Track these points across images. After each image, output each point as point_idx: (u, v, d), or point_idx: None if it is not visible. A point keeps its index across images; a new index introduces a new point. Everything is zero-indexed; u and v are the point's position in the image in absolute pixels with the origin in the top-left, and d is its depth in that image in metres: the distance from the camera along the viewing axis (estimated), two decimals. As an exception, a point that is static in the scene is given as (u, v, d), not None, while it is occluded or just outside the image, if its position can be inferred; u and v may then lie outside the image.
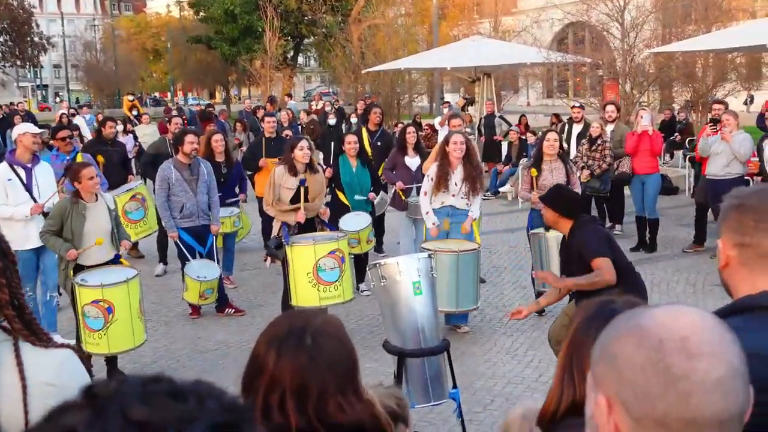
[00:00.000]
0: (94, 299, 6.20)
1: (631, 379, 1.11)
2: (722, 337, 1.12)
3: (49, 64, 73.79)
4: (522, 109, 29.59)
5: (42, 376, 2.02)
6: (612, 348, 1.15)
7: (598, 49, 20.84)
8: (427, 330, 4.86)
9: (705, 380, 1.07)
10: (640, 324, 1.14)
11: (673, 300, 8.51)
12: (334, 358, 1.92)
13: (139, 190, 9.92)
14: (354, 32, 34.61)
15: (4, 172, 7.57)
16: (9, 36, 47.60)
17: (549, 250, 7.49)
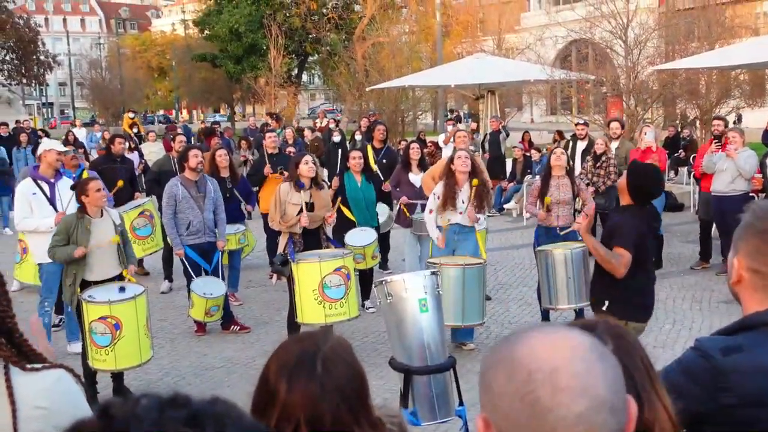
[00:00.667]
0: (102, 315, 6.21)
1: (502, 407, 1.14)
2: (593, 367, 1.13)
3: (54, 83, 74.23)
4: (526, 126, 29.66)
5: (32, 400, 2.01)
6: (487, 375, 1.19)
7: (602, 66, 20.93)
8: (433, 347, 4.86)
9: (567, 414, 1.09)
10: (512, 353, 1.16)
11: (680, 317, 8.50)
12: (346, 385, 1.91)
13: (147, 207, 9.96)
14: (358, 50, 34.82)
15: (29, 186, 7.86)
16: (15, 54, 47.88)
17: (555, 266, 7.47)
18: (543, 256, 7.65)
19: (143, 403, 0.83)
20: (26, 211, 7.79)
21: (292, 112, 38.34)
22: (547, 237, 8.15)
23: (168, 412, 0.81)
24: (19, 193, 7.95)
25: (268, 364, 1.99)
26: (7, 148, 18.01)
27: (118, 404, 0.84)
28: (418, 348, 4.87)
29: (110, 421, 0.81)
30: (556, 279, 7.44)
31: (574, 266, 7.45)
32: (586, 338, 1.19)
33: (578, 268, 7.47)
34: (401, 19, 41.61)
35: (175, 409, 0.82)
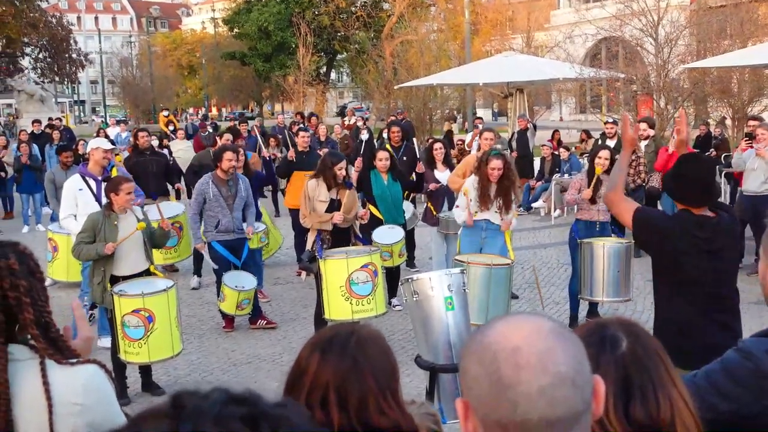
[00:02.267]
0: (135, 308, 6.28)
1: (475, 389, 1.24)
2: (552, 346, 1.22)
3: (86, 81, 74.97)
4: (555, 125, 29.48)
5: (68, 396, 2.04)
6: (463, 362, 1.30)
7: (632, 64, 20.77)
8: (459, 345, 4.86)
9: (529, 390, 1.18)
10: (482, 339, 1.27)
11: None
12: (377, 365, 1.96)
13: (180, 219, 10.05)
14: (386, 48, 34.80)
15: (76, 182, 8.09)
16: (48, 53, 48.44)
17: (595, 259, 7.62)
18: (589, 249, 7.70)
19: (212, 397, 0.86)
20: (72, 206, 7.96)
21: (321, 111, 38.46)
22: (587, 231, 8.17)
23: (229, 408, 0.84)
24: (67, 188, 8.11)
25: (303, 346, 2.06)
26: (40, 145, 18.28)
27: (188, 395, 0.87)
28: (444, 346, 4.88)
29: (180, 410, 0.84)
30: (594, 270, 7.59)
31: (616, 260, 7.57)
32: (549, 321, 1.28)
33: (619, 262, 7.57)
34: (430, 17, 41.57)
35: (237, 406, 0.85)
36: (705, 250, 4.13)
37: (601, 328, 1.88)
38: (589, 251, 7.71)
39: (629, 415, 1.73)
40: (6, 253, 2.07)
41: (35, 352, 2.06)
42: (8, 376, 2.01)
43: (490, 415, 1.22)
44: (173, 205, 10.68)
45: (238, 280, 8.25)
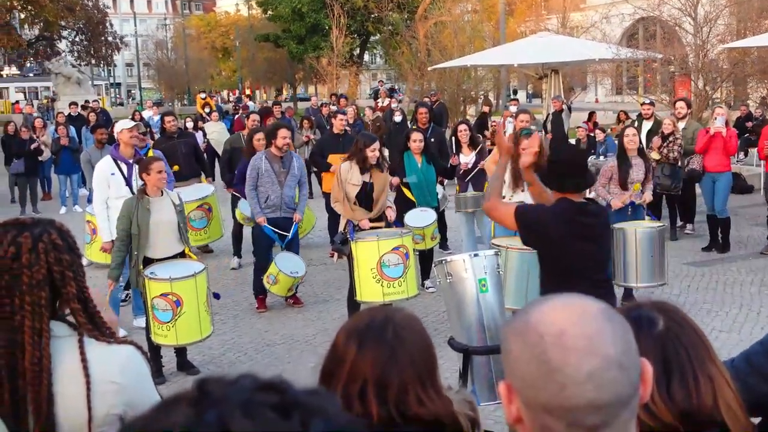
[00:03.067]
0: (163, 292, 6.35)
1: (519, 371, 1.22)
2: (600, 329, 1.19)
3: (122, 63, 75.62)
4: (590, 106, 29.17)
5: (106, 374, 2.05)
6: (506, 343, 1.27)
7: (670, 44, 20.41)
8: (493, 328, 4.84)
9: (576, 373, 1.16)
10: (527, 320, 1.24)
11: (747, 301, 8.30)
12: (415, 352, 1.93)
13: (209, 201, 10.10)
14: (420, 29, 34.61)
15: (108, 166, 8.06)
16: (85, 36, 48.90)
17: (627, 245, 7.57)
18: (621, 234, 7.63)
19: (239, 383, 0.82)
20: (104, 192, 7.96)
21: (354, 92, 38.40)
22: (618, 215, 8.09)
23: (258, 395, 0.81)
24: (99, 171, 8.08)
25: (338, 332, 2.03)
26: (77, 127, 18.49)
27: (214, 381, 0.83)
28: (477, 328, 4.85)
29: (204, 396, 0.81)
30: (627, 254, 7.50)
31: (649, 245, 7.49)
32: (596, 303, 1.25)
33: (653, 247, 7.50)
34: (464, -3, 41.22)
35: (267, 393, 0.81)
36: (588, 236, 4.26)
37: (637, 309, 1.86)
38: (622, 237, 7.62)
39: (671, 396, 1.70)
40: (47, 229, 2.09)
41: (74, 330, 2.08)
42: None
43: (536, 399, 1.20)
44: (204, 186, 10.73)
45: (291, 265, 8.30)
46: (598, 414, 1.17)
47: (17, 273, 2.01)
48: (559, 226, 4.22)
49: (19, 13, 45.37)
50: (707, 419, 1.70)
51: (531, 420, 1.23)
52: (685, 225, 11.59)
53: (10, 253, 2.02)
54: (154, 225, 6.69)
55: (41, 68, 54.02)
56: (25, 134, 16.14)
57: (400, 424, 1.84)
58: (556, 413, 1.18)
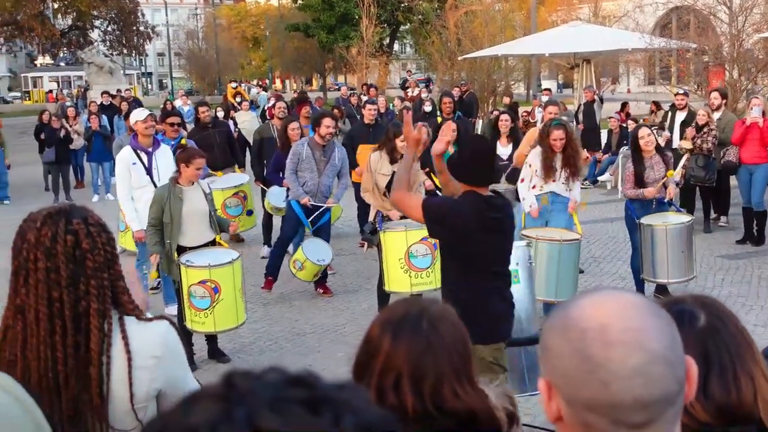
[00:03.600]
0: (202, 279, 6.39)
1: (560, 367, 1.19)
2: (645, 323, 1.15)
3: (153, 53, 76.15)
4: (622, 97, 28.89)
5: (146, 349, 2.08)
6: (545, 339, 1.23)
7: (704, 34, 20.11)
8: (524, 319, 4.82)
9: (621, 368, 1.12)
10: (567, 314, 1.21)
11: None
12: (451, 345, 1.90)
13: (244, 189, 10.13)
14: (450, 18, 34.43)
15: (129, 156, 8.03)
16: (117, 26, 49.32)
17: (656, 242, 7.44)
18: (649, 231, 7.51)
19: (267, 378, 0.80)
20: (127, 182, 7.96)
21: (383, 82, 38.35)
22: (643, 209, 7.94)
23: (287, 391, 0.78)
24: (120, 161, 8.08)
25: (372, 324, 2.00)
26: (109, 116, 18.68)
27: (241, 375, 0.81)
28: (509, 319, 4.83)
29: (232, 390, 0.79)
30: (659, 254, 7.36)
31: (679, 241, 7.38)
32: (639, 298, 1.22)
33: (681, 242, 7.39)
34: (495, -14, 40.95)
35: (296, 388, 0.79)
36: (495, 229, 4.29)
37: (678, 304, 1.82)
38: (650, 234, 7.50)
39: (707, 393, 1.67)
40: (86, 213, 2.12)
41: (114, 308, 2.11)
42: None
43: (578, 396, 1.16)
44: (238, 175, 10.77)
45: (318, 252, 8.33)
46: (644, 411, 1.13)
47: (80, 260, 2.04)
48: (466, 218, 4.23)
49: (52, 3, 45.83)
50: (745, 416, 1.67)
51: (573, 418, 1.19)
52: (719, 217, 11.44)
53: (70, 242, 2.03)
54: (187, 214, 6.73)
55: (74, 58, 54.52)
56: (55, 123, 16.32)
57: (436, 418, 1.82)
58: (600, 410, 1.14)
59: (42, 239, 2.02)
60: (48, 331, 2.00)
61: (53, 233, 2.03)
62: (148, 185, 7.95)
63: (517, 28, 33.70)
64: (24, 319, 2.02)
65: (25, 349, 2.01)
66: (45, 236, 2.02)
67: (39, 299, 2.00)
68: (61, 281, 2.01)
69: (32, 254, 2.01)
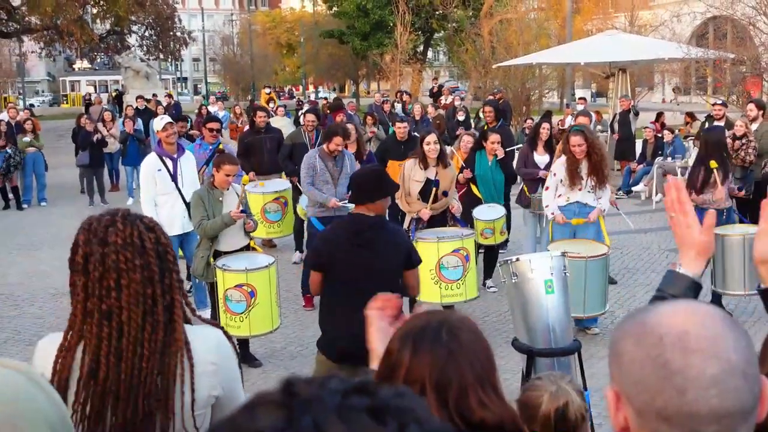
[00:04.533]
0: (238, 283, 6.43)
1: (633, 374, 1.16)
2: (723, 333, 1.13)
3: (188, 58, 76.87)
4: (657, 106, 28.62)
5: (205, 355, 2.08)
6: (618, 345, 1.20)
7: (742, 44, 19.89)
8: (558, 330, 4.78)
9: (700, 376, 1.10)
10: (644, 321, 1.18)
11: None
12: (473, 353, 1.88)
13: (285, 195, 10.15)
14: (485, 27, 34.35)
15: (155, 163, 8.08)
16: (154, 31, 49.81)
17: (729, 252, 7.31)
18: (718, 240, 7.38)
19: (329, 386, 0.79)
20: (151, 188, 7.99)
21: (416, 89, 38.36)
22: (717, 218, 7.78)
23: (352, 399, 0.78)
24: (145, 168, 8.11)
25: (392, 337, 1.99)
26: (144, 120, 18.89)
27: (303, 383, 0.80)
28: (542, 330, 4.79)
29: (293, 398, 0.78)
30: (733, 264, 7.28)
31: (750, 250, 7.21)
32: (717, 309, 1.20)
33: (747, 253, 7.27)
34: (530, -5, 40.79)
35: (360, 397, 0.78)
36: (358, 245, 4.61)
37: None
38: (720, 244, 7.26)
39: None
40: (141, 216, 2.15)
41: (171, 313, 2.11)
42: None
43: (651, 404, 1.13)
44: (282, 181, 10.78)
45: None
46: (718, 424, 1.11)
47: (163, 255, 2.08)
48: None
49: (91, 8, 46.46)
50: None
51: (642, 428, 1.17)
52: (756, 230, 11.28)
53: (153, 239, 2.08)
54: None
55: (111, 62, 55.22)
56: (89, 126, 16.52)
57: (464, 430, 1.80)
58: (673, 420, 1.12)
59: (130, 239, 2.03)
60: (139, 328, 2.01)
61: (138, 232, 2.06)
62: (173, 192, 8.02)
63: (551, 37, 33.51)
64: (110, 323, 2.00)
65: (109, 354, 1.99)
66: (132, 236, 2.04)
67: (131, 299, 2.01)
68: (154, 276, 2.04)
69: (122, 255, 2.01)
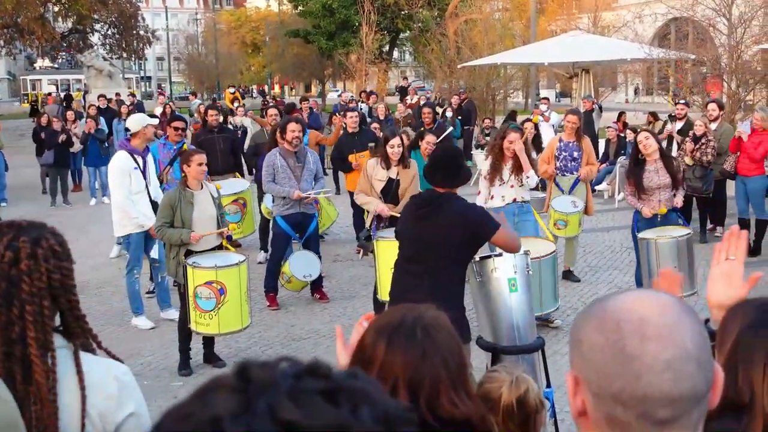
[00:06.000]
0: (208, 280, 6.39)
1: (592, 359, 1.19)
2: (680, 321, 1.17)
3: (153, 57, 76.15)
4: (620, 106, 28.93)
5: (102, 388, 1.95)
6: (578, 331, 1.24)
7: (703, 45, 20.18)
8: (522, 327, 4.82)
9: (655, 361, 1.14)
10: (604, 308, 1.22)
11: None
12: (447, 353, 1.90)
13: (244, 196, 10.08)
14: (450, 27, 34.48)
15: (129, 160, 7.92)
16: (117, 29, 49.26)
17: (659, 255, 7.28)
18: (645, 244, 7.43)
19: (282, 368, 0.79)
20: (127, 186, 7.82)
21: (382, 89, 38.38)
22: (647, 222, 7.86)
23: (305, 382, 0.77)
24: (119, 166, 7.89)
25: (365, 331, 1.99)
26: (107, 119, 18.67)
27: (256, 366, 0.80)
28: (507, 327, 4.83)
29: (247, 383, 0.77)
30: (652, 267, 7.29)
31: (679, 255, 7.26)
32: (675, 298, 1.24)
33: (683, 256, 7.30)
34: (495, -5, 41.02)
35: (314, 379, 0.78)
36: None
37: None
38: (646, 248, 7.42)
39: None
40: (44, 234, 1.96)
41: (68, 340, 1.97)
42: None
43: (607, 388, 1.17)
44: (239, 181, 10.72)
45: (305, 266, 8.31)
46: (670, 407, 1.15)
47: (15, 280, 1.88)
48: None
49: (53, 6, 45.84)
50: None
51: (598, 412, 1.20)
52: (715, 228, 11.45)
53: (8, 258, 1.89)
54: (197, 218, 6.73)
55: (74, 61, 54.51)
56: (56, 124, 16.25)
57: (434, 426, 1.82)
58: (628, 403, 1.15)
59: None
60: None
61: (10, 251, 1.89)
62: (144, 190, 7.94)
63: (516, 37, 33.74)
64: None
65: None
66: None
67: None
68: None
69: None
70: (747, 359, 1.79)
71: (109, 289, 9.25)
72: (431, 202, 4.74)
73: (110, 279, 9.59)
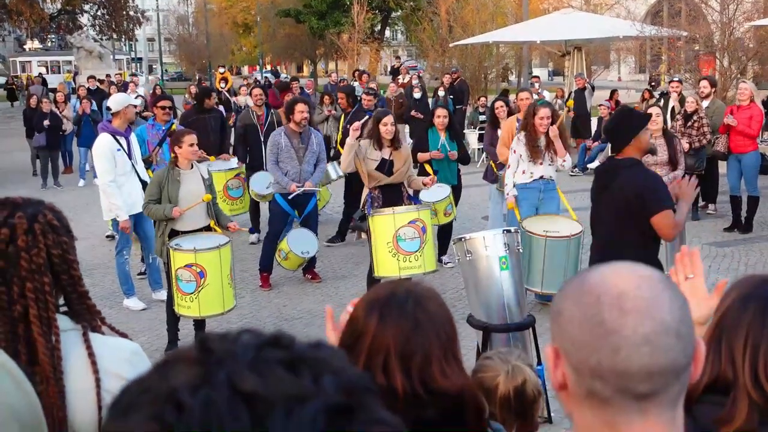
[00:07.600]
0: (188, 263, 6.37)
1: (571, 332, 1.19)
2: (660, 295, 1.17)
3: (143, 38, 75.64)
4: (613, 84, 28.89)
5: (115, 370, 1.90)
6: (559, 304, 1.24)
7: (695, 22, 20.13)
8: (512, 305, 4.81)
9: (633, 335, 1.14)
10: (583, 281, 1.22)
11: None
12: (438, 324, 1.91)
13: (243, 170, 10.04)
14: (442, 5, 34.30)
15: (112, 142, 7.83)
16: (106, 10, 48.99)
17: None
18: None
19: (243, 340, 0.78)
20: (112, 169, 7.73)
21: (374, 69, 38.23)
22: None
23: (266, 352, 0.76)
24: (102, 148, 7.79)
25: (356, 305, 1.99)
26: (97, 100, 18.56)
27: (217, 339, 0.79)
28: (497, 306, 4.83)
29: (208, 355, 0.76)
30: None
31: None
32: (656, 271, 1.23)
33: None
34: (487, -27, 40.80)
35: (275, 350, 0.77)
36: None
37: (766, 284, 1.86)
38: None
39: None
40: (41, 209, 1.91)
41: (76, 322, 1.92)
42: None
43: (586, 362, 1.17)
44: (233, 160, 10.65)
45: (303, 244, 8.30)
46: (649, 381, 1.14)
47: (14, 257, 1.82)
48: None
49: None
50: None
51: (577, 385, 1.20)
52: (707, 205, 11.47)
53: (3, 235, 1.83)
54: (183, 197, 6.70)
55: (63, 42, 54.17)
56: (46, 107, 16.14)
57: (425, 399, 1.81)
58: (607, 377, 1.15)
59: None
60: None
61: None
62: (131, 171, 7.88)
63: (508, 16, 33.60)
64: None
65: None
66: None
67: None
68: None
69: None
70: (731, 331, 1.79)
71: (101, 271, 9.22)
72: (607, 170, 4.92)
73: (102, 260, 9.56)
